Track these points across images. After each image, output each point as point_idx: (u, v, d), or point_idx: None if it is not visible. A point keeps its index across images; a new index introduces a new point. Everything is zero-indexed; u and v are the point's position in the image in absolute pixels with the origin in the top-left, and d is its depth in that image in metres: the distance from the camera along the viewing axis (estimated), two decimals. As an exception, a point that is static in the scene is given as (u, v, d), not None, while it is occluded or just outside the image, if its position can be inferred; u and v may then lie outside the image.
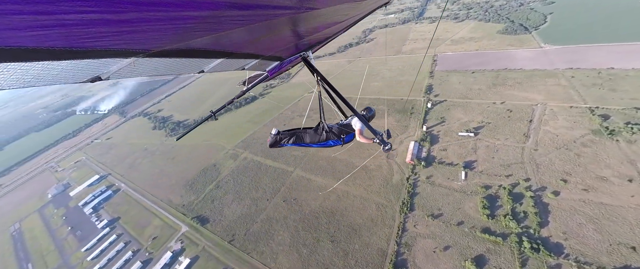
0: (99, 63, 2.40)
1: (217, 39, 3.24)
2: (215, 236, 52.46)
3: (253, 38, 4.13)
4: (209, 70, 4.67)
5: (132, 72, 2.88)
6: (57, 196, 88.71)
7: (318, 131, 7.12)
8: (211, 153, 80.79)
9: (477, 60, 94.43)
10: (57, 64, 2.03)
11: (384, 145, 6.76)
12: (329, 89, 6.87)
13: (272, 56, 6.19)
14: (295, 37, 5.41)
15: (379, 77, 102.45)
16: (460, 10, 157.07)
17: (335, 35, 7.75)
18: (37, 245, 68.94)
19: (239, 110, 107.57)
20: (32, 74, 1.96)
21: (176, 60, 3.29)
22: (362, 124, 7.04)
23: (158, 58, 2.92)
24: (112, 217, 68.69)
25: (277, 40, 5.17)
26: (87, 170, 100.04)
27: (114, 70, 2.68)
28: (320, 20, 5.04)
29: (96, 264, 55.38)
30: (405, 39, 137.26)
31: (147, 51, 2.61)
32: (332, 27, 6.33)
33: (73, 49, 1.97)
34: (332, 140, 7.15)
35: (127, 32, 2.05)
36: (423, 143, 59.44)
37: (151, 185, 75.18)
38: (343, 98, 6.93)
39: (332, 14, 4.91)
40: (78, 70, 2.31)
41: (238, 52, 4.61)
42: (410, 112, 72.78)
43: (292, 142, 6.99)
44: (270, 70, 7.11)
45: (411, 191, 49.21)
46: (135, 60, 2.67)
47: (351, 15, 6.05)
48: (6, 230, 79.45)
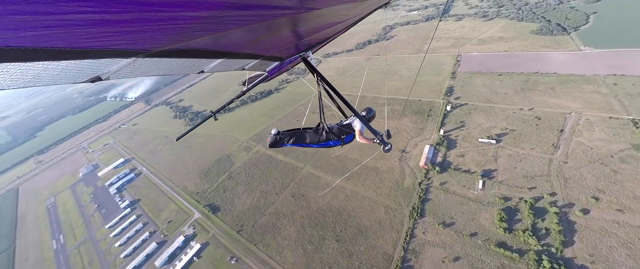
0: (99, 63, 2.40)
1: (217, 39, 3.24)
2: (225, 225, 54.29)
3: (253, 38, 4.10)
4: (209, 70, 4.66)
5: (132, 72, 2.87)
6: (87, 175, 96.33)
7: (318, 131, 7.12)
8: (226, 145, 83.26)
9: (505, 62, 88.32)
10: (57, 64, 2.03)
11: (384, 145, 6.68)
12: (329, 89, 6.83)
13: (272, 56, 6.16)
14: (295, 37, 5.38)
15: (397, 76, 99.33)
16: (490, 7, 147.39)
17: (335, 35, 7.69)
18: (68, 219, 75.56)
19: (254, 103, 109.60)
20: (32, 74, 1.97)
21: (176, 60, 3.29)
22: (362, 124, 7.03)
23: (158, 58, 2.91)
24: (133, 199, 73.40)
25: (277, 41, 5.13)
26: (114, 153, 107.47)
27: (114, 70, 2.67)
28: (320, 20, 4.99)
29: (117, 241, 59.65)
30: (428, 37, 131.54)
31: (147, 51, 2.60)
32: (332, 27, 6.27)
33: (73, 49, 1.98)
34: (332, 141, 7.14)
35: (127, 32, 2.05)
36: (439, 148, 56.99)
37: (169, 171, 79.18)
38: (343, 99, 6.89)
39: (332, 14, 4.85)
40: (78, 70, 2.32)
41: (238, 52, 4.58)
42: (427, 114, 69.95)
43: (292, 142, 6.97)
44: (270, 70, 7.11)
45: (423, 196, 47.53)
46: (135, 60, 2.66)
47: (351, 16, 5.98)
48: (43, 202, 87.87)
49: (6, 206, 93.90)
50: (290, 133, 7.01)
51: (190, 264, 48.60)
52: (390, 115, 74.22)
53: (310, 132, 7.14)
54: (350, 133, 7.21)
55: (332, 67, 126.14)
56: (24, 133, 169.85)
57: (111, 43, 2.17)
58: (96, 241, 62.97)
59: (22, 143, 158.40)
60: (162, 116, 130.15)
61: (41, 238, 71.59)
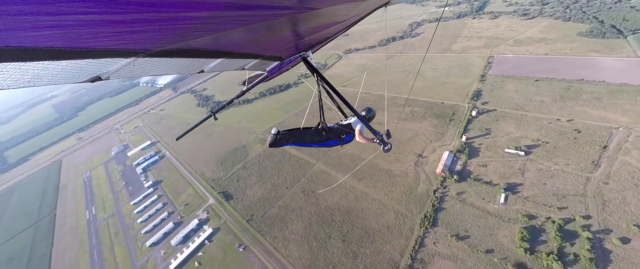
0: (98, 63, 2.40)
1: (217, 39, 3.24)
2: (236, 213, 56.25)
3: (253, 38, 4.10)
4: (209, 70, 4.67)
5: (132, 72, 2.88)
6: (118, 154, 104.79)
7: (318, 131, 7.14)
8: (242, 135, 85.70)
9: (544, 66, 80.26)
10: (57, 64, 2.04)
11: (384, 145, 6.68)
12: (329, 89, 6.82)
13: (272, 56, 6.17)
14: (295, 37, 5.36)
15: (420, 76, 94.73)
16: (532, 4, 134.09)
17: (335, 35, 7.66)
18: (100, 192, 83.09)
19: (272, 96, 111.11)
20: (32, 74, 1.98)
21: (176, 60, 3.29)
22: (362, 124, 7.03)
23: (158, 58, 2.92)
24: (156, 180, 78.64)
25: (277, 40, 5.12)
26: (142, 136, 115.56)
27: (113, 70, 2.68)
28: (320, 20, 4.97)
29: (140, 218, 64.52)
30: (458, 35, 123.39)
31: (147, 51, 2.61)
32: (332, 27, 6.25)
33: (73, 49, 1.99)
34: (331, 140, 7.19)
35: (127, 32, 2.06)
36: (459, 155, 53.73)
37: (189, 157, 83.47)
38: (343, 99, 6.88)
39: (332, 14, 4.83)
40: (78, 70, 2.33)
41: (238, 52, 4.59)
42: (449, 118, 66.08)
43: (292, 142, 7.00)
44: (270, 70, 7.17)
45: (437, 205, 45.32)
46: (135, 60, 2.67)
47: (351, 15, 5.93)
48: (80, 176, 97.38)
49: (51, 176, 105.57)
50: (290, 132, 6.97)
51: (201, 247, 51.20)
52: (409, 117, 71.28)
53: (310, 132, 7.14)
54: (350, 133, 7.22)
55: (352, 64, 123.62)
56: (69, 111, 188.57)
57: (111, 43, 2.18)
58: (122, 215, 68.62)
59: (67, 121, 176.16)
60: (186, 103, 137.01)
61: (77, 207, 79.63)
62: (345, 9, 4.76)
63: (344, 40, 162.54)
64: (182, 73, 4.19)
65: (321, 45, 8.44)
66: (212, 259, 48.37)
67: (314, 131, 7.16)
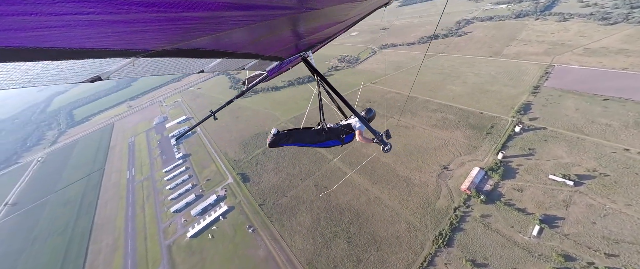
0: (98, 63, 2.40)
1: (217, 39, 3.26)
2: (250, 196, 58.73)
3: (253, 38, 4.12)
4: (209, 70, 4.70)
5: (131, 72, 2.89)
6: (158, 124, 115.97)
7: (317, 131, 7.18)
8: (267, 121, 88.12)
9: (619, 83, 67.11)
10: (57, 64, 2.04)
11: (384, 145, 6.70)
12: (329, 89, 6.82)
13: (272, 56, 6.21)
14: (295, 37, 5.40)
15: (459, 80, 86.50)
16: (617, 7, 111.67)
17: (335, 35, 7.73)
18: (140, 157, 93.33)
19: (300, 85, 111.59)
20: (32, 74, 1.98)
21: (176, 60, 3.29)
22: (362, 124, 7.08)
23: (157, 58, 2.91)
24: (186, 152, 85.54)
25: (277, 40, 5.15)
26: (180, 110, 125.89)
27: (113, 69, 2.69)
28: (320, 20, 4.96)
29: (168, 185, 71.17)
30: (513, 38, 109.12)
31: (147, 51, 2.62)
32: (332, 27, 6.21)
33: (73, 49, 1.98)
34: (331, 140, 7.22)
35: (127, 32, 2.05)
36: (491, 174, 48.39)
37: (216, 136, 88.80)
38: (343, 99, 6.89)
39: (332, 14, 4.81)
40: (78, 70, 2.33)
41: (238, 52, 4.59)
42: (486, 131, 59.54)
43: (291, 142, 7.03)
44: (270, 70, 7.19)
45: (455, 224, 41.76)
46: (135, 60, 2.67)
47: (351, 15, 5.87)
48: (126, 139, 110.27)
49: (104, 136, 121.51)
50: (290, 132, 7.02)
51: (216, 222, 54.80)
52: (440, 124, 65.96)
53: (310, 132, 7.18)
54: (349, 133, 7.25)
55: (385, 60, 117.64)
56: (124, 81, 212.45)
57: (111, 43, 2.17)
58: (155, 180, 76.40)
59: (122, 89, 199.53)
60: (221, 85, 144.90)
61: (121, 166, 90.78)
62: (345, 9, 4.70)
63: (382, 35, 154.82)
64: (182, 73, 4.13)
65: (321, 45, 8.39)
66: (224, 235, 51.52)
67: (314, 131, 7.19)
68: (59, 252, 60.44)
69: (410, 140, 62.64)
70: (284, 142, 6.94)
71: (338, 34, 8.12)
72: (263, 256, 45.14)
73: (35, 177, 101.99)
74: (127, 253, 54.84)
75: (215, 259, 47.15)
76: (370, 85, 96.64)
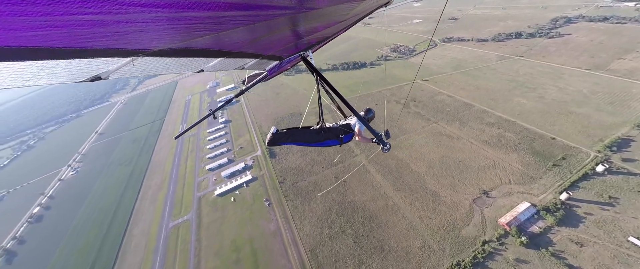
0: (98, 62, 2.40)
1: (216, 39, 3.25)
2: (273, 172, 61.55)
3: (253, 38, 4.14)
4: (209, 69, 4.72)
5: (131, 71, 2.89)
6: (211, 88, 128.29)
7: (316, 130, 7.16)
8: (302, 103, 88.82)
9: None
10: (56, 64, 2.05)
11: (383, 145, 6.74)
12: (329, 89, 6.79)
13: (272, 56, 6.22)
14: (295, 36, 5.40)
15: (535, 93, 71.27)
16: None
17: (335, 35, 7.74)
18: (192, 114, 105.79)
19: (344, 72, 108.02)
20: (32, 73, 2.00)
21: (175, 59, 3.29)
22: (361, 124, 7.08)
23: (157, 58, 2.91)
24: (227, 119, 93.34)
25: (277, 40, 5.12)
26: (230, 78, 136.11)
27: (113, 69, 2.70)
28: (320, 20, 4.94)
29: (209, 145, 79.57)
30: (631, 49, 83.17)
31: (147, 51, 2.61)
32: (332, 27, 6.20)
33: (73, 49, 1.99)
34: (330, 140, 7.20)
35: (127, 32, 2.06)
36: (545, 215, 39.99)
37: (255, 108, 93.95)
38: (343, 99, 6.86)
39: (332, 14, 4.76)
40: (78, 70, 2.33)
41: (238, 51, 4.60)
42: (553, 163, 48.60)
43: (290, 141, 7.04)
44: (270, 69, 7.24)
45: (479, 259, 36.53)
46: (134, 59, 2.67)
47: (351, 15, 5.81)
48: (184, 97, 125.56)
49: (169, 91, 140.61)
50: (289, 131, 7.02)
51: (239, 187, 59.62)
52: (494, 141, 56.45)
53: (309, 131, 7.18)
54: (348, 133, 7.26)
55: (445, 56, 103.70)
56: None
57: (111, 43, 2.18)
58: (199, 138, 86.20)
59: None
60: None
61: (177, 119, 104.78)
62: (345, 8, 4.68)
63: (449, 26, 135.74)
64: (182, 72, 4.13)
65: (321, 45, 8.31)
66: (244, 200, 55.93)
67: (313, 130, 7.17)
68: (123, 180, 74.95)
69: (451, 152, 55.54)
70: (283, 141, 6.95)
71: (338, 34, 7.89)
72: (272, 230, 47.76)
73: (117, 116, 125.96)
74: (168, 194, 64.66)
75: (232, 220, 51.96)
76: (420, 82, 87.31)
